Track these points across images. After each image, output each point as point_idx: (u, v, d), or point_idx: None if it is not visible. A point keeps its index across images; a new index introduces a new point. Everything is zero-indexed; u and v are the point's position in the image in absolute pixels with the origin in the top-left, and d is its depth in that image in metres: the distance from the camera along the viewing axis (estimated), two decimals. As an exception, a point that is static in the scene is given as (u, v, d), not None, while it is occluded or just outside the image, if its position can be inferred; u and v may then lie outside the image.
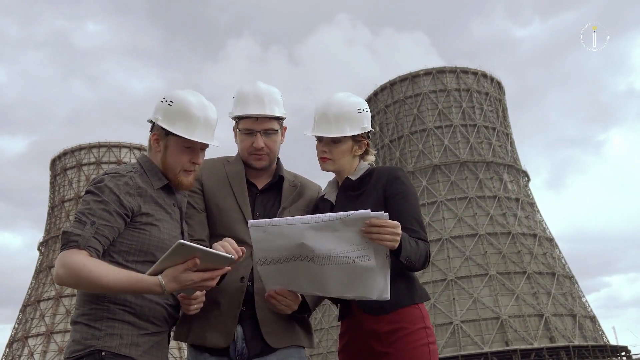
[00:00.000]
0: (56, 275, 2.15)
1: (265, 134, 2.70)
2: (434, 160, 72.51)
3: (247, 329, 2.56)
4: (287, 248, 2.24)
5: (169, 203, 2.46)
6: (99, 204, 2.24)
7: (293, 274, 2.35)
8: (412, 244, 2.41)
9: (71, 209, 77.46)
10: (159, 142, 2.47)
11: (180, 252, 2.09)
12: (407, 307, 2.54)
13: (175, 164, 2.45)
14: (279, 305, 2.46)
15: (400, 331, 2.51)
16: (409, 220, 2.53)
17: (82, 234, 2.17)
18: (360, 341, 2.59)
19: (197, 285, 2.17)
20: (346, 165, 2.71)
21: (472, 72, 78.19)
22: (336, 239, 2.20)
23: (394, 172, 2.66)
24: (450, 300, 62.80)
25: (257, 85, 2.75)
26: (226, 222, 2.65)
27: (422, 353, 2.50)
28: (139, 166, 2.46)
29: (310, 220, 2.18)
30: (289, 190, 2.79)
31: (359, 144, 2.72)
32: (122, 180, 2.32)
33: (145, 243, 2.32)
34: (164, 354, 2.39)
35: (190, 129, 2.41)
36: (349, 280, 2.31)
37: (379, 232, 2.20)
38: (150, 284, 2.15)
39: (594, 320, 66.57)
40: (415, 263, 2.42)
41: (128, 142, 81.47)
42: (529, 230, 69.00)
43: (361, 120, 2.69)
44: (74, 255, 2.13)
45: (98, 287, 2.13)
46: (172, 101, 2.44)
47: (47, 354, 69.36)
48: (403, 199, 2.59)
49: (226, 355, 2.55)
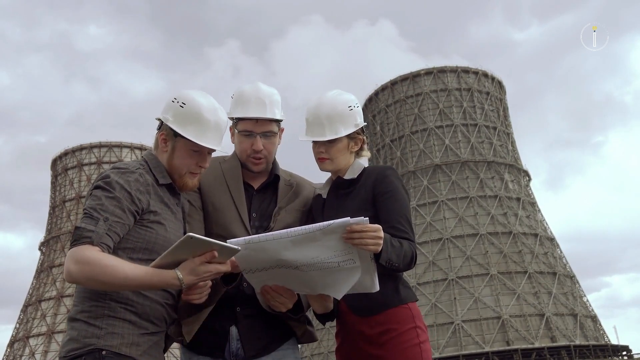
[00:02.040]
0: (67, 272, 2.09)
1: (265, 136, 2.67)
2: (435, 159, 72.44)
3: (242, 329, 2.53)
4: (269, 261, 2.23)
5: (173, 202, 2.44)
6: (112, 200, 2.20)
7: (280, 279, 2.34)
8: (395, 244, 2.37)
9: (72, 209, 77.52)
10: (166, 142, 2.44)
11: (189, 246, 2.07)
12: (395, 307, 2.52)
13: (182, 166, 2.43)
14: (272, 301, 2.41)
15: (390, 332, 2.48)
16: (396, 219, 2.51)
17: (95, 229, 2.12)
18: (352, 342, 2.58)
19: (213, 276, 2.17)
20: (344, 162, 2.69)
21: (473, 72, 78.14)
22: (319, 248, 2.18)
23: (383, 171, 2.65)
24: (452, 299, 62.74)
25: (258, 86, 2.72)
26: (222, 221, 2.63)
27: (414, 353, 2.47)
28: (145, 163, 2.43)
29: (290, 234, 2.15)
30: (285, 189, 2.76)
31: (354, 140, 2.71)
32: (133, 176, 2.29)
33: (151, 241, 2.29)
34: (161, 354, 2.36)
35: (201, 134, 2.38)
36: (336, 282, 2.31)
37: (360, 237, 2.17)
38: (168, 277, 2.12)
39: (595, 319, 66.49)
40: (398, 265, 2.37)
41: (129, 142, 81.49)
42: (530, 230, 68.94)
43: (353, 117, 2.67)
44: (87, 251, 2.08)
45: (113, 282, 2.08)
46: (185, 103, 2.40)
47: (48, 354, 69.37)
48: (391, 197, 2.56)
49: (221, 356, 2.53)
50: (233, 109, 2.71)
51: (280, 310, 2.46)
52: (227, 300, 2.53)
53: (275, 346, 2.58)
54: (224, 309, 2.54)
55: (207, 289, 2.29)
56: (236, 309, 2.55)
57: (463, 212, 68.64)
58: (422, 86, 76.73)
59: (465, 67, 78.08)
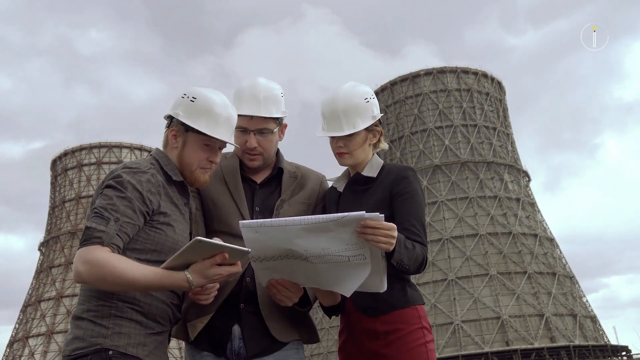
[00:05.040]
0: (76, 272, 2.07)
1: (260, 134, 2.63)
2: (434, 160, 72.40)
3: (245, 328, 2.52)
4: (280, 248, 2.21)
5: (181, 202, 2.43)
6: (123, 200, 2.18)
7: (288, 270, 2.32)
8: (407, 246, 2.34)
9: (72, 209, 77.40)
10: (177, 139, 2.43)
11: (197, 249, 2.06)
12: (402, 309, 2.51)
13: (193, 161, 2.41)
14: (278, 295, 2.40)
15: (396, 332, 2.48)
16: (411, 221, 2.48)
17: (106, 230, 2.10)
18: (357, 341, 2.57)
19: (223, 279, 2.17)
20: (362, 156, 2.66)
21: (473, 72, 78.06)
22: (331, 239, 2.17)
23: (403, 171, 2.62)
24: (451, 300, 62.67)
25: (256, 82, 2.68)
26: (222, 218, 2.62)
27: (420, 353, 2.46)
28: (156, 162, 2.41)
29: (303, 222, 2.13)
30: (289, 181, 2.73)
31: (372, 132, 2.69)
32: (144, 177, 2.27)
33: (160, 243, 2.28)
34: (166, 354, 2.36)
35: (212, 126, 2.37)
36: (345, 278, 2.29)
37: (374, 234, 2.15)
38: (178, 279, 2.12)
39: (595, 320, 66.44)
40: (409, 267, 2.35)
41: (128, 143, 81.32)
42: (530, 230, 68.88)
43: (370, 109, 2.64)
44: (96, 251, 2.06)
45: (123, 283, 2.07)
46: (195, 97, 2.40)
47: (48, 354, 69.25)
48: (408, 199, 2.53)
49: (223, 354, 2.52)
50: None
51: (285, 304, 2.44)
52: (230, 297, 2.52)
53: (278, 346, 2.55)
54: (227, 306, 2.52)
55: (214, 290, 2.29)
56: (240, 305, 2.54)
57: (463, 213, 68.58)
58: (422, 87, 76.64)
59: (464, 68, 78.01)
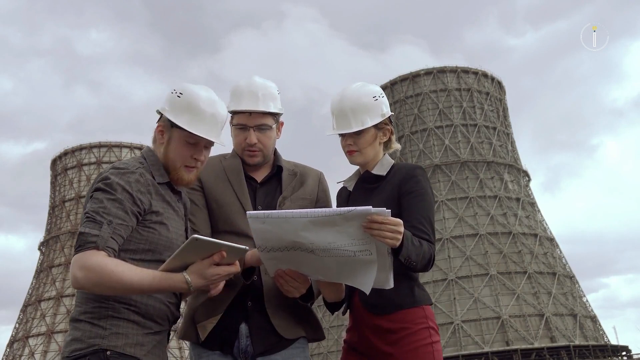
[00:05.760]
0: (74, 279, 2.06)
1: (259, 130, 2.65)
2: (434, 160, 72.42)
3: (252, 325, 2.53)
4: (286, 239, 2.21)
5: (174, 200, 2.42)
6: (114, 202, 2.16)
7: (295, 261, 2.32)
8: (415, 243, 2.35)
9: (72, 209, 77.45)
10: (163, 134, 2.41)
11: (195, 248, 2.04)
12: (409, 308, 2.52)
13: (177, 158, 2.37)
14: (285, 285, 2.39)
15: (402, 331, 2.49)
16: (419, 219, 2.49)
17: (100, 234, 2.08)
18: (364, 339, 2.58)
19: (223, 279, 2.16)
20: (372, 154, 2.67)
21: (473, 72, 78.12)
22: (337, 233, 2.17)
23: (412, 170, 2.63)
24: (451, 300, 62.74)
25: (253, 79, 2.71)
26: (226, 217, 2.63)
27: (426, 353, 2.47)
28: (145, 160, 2.39)
29: (310, 215, 2.14)
30: (289, 178, 2.75)
31: (382, 130, 2.69)
32: (133, 177, 2.24)
33: (154, 242, 2.26)
34: (164, 353, 2.36)
35: (195, 123, 2.33)
36: (350, 272, 2.30)
37: (380, 229, 2.14)
38: (176, 281, 2.11)
39: (595, 320, 66.51)
40: (416, 264, 2.37)
41: (128, 142, 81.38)
42: (530, 230, 68.94)
43: (379, 107, 2.65)
44: (93, 256, 2.05)
45: (121, 287, 2.07)
46: (182, 93, 2.37)
47: (48, 354, 69.32)
48: (416, 197, 2.54)
49: (230, 352, 2.52)
50: (229, 102, 2.71)
51: (293, 295, 2.44)
52: (238, 295, 2.53)
53: (285, 344, 2.56)
54: (235, 303, 2.53)
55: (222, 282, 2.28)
56: (247, 303, 2.54)
57: (463, 212, 68.63)
58: (422, 86, 76.70)
59: (465, 68, 78.06)
